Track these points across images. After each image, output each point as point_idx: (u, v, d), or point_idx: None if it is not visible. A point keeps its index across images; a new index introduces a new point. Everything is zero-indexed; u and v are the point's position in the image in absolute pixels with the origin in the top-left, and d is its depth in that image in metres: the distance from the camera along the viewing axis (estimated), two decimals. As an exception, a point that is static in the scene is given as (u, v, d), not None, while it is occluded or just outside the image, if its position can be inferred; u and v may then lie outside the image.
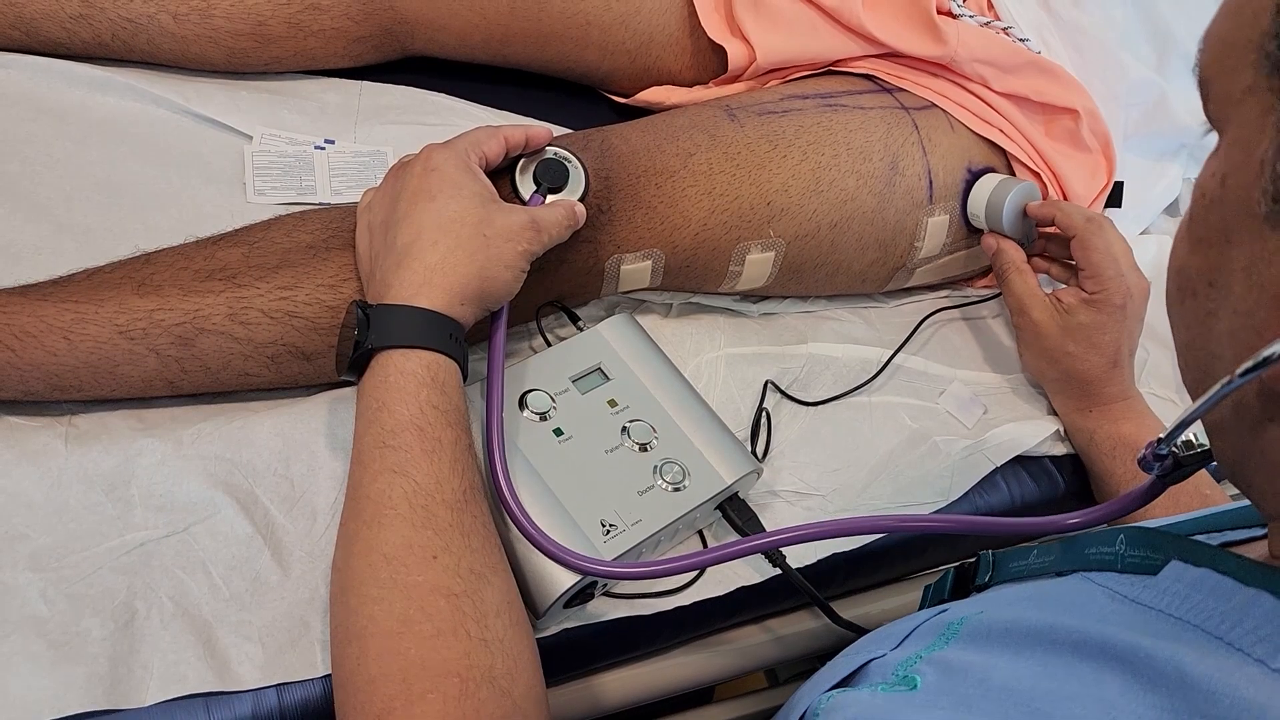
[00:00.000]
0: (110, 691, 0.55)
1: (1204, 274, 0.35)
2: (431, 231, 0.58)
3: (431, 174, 0.61)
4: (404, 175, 0.62)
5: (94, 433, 0.64)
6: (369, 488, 0.53)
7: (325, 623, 0.60)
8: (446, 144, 0.63)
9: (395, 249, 0.59)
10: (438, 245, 0.58)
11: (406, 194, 0.60)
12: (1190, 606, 0.36)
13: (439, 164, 0.61)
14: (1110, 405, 0.78)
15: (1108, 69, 0.87)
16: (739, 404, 0.76)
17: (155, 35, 0.80)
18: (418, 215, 0.59)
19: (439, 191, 0.60)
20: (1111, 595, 0.41)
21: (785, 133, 0.76)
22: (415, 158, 0.63)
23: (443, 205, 0.59)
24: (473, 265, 0.58)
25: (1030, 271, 0.80)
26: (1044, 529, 0.51)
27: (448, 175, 0.61)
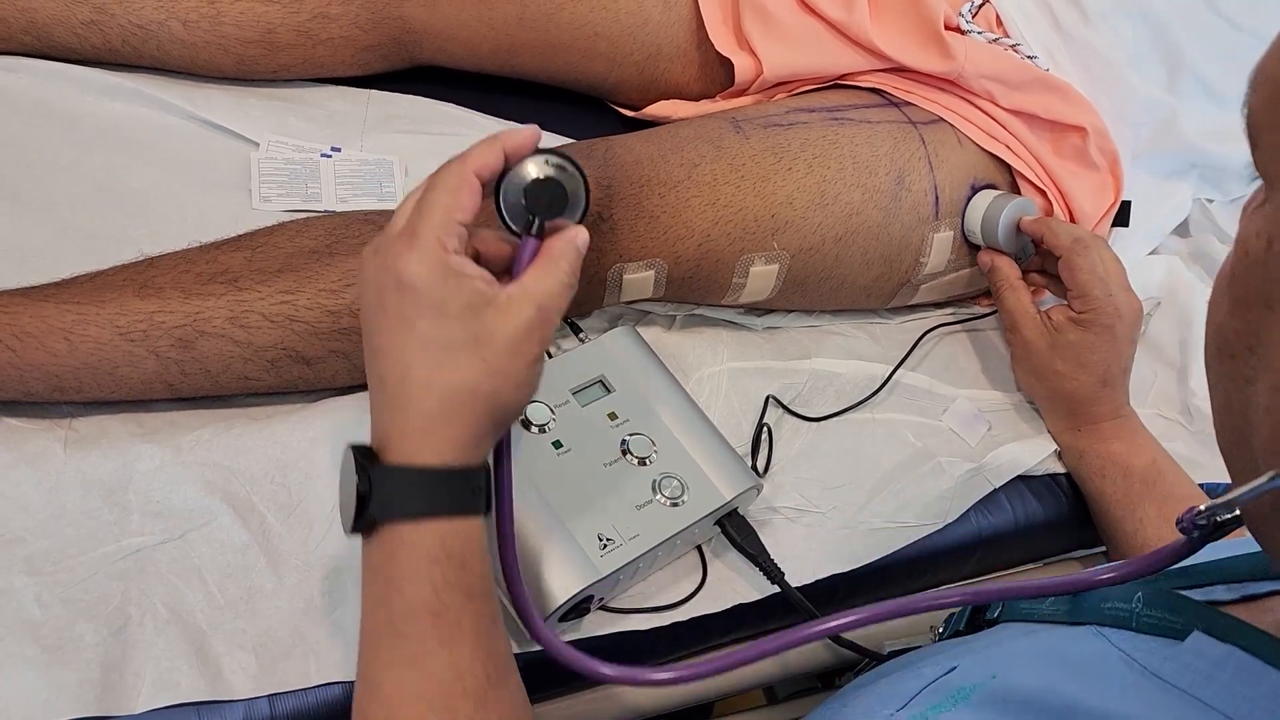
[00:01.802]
0: (102, 697, 0.54)
1: (1243, 338, 0.33)
2: (421, 369, 0.46)
3: (406, 294, 0.46)
4: (378, 287, 0.48)
5: (93, 437, 0.64)
6: (381, 681, 0.47)
7: (319, 632, 0.59)
8: (415, 240, 0.46)
9: (385, 386, 0.47)
10: (431, 387, 0.46)
11: (382, 318, 0.47)
12: (1216, 689, 0.35)
13: (412, 278, 0.46)
14: (1100, 424, 0.78)
15: (1116, 88, 0.87)
16: (740, 419, 0.75)
17: (165, 41, 0.80)
18: (400, 349, 0.47)
19: (418, 316, 0.46)
20: (1130, 663, 0.40)
21: (791, 145, 0.76)
22: (385, 257, 0.47)
23: (427, 333, 0.46)
24: (478, 401, 0.47)
25: (1024, 288, 0.80)
26: (1079, 586, 0.48)
27: (424, 293, 0.46)
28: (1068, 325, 0.76)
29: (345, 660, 0.59)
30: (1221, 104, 0.91)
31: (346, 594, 0.61)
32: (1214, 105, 0.91)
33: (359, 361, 0.67)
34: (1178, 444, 0.83)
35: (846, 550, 0.71)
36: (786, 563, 0.67)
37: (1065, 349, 0.77)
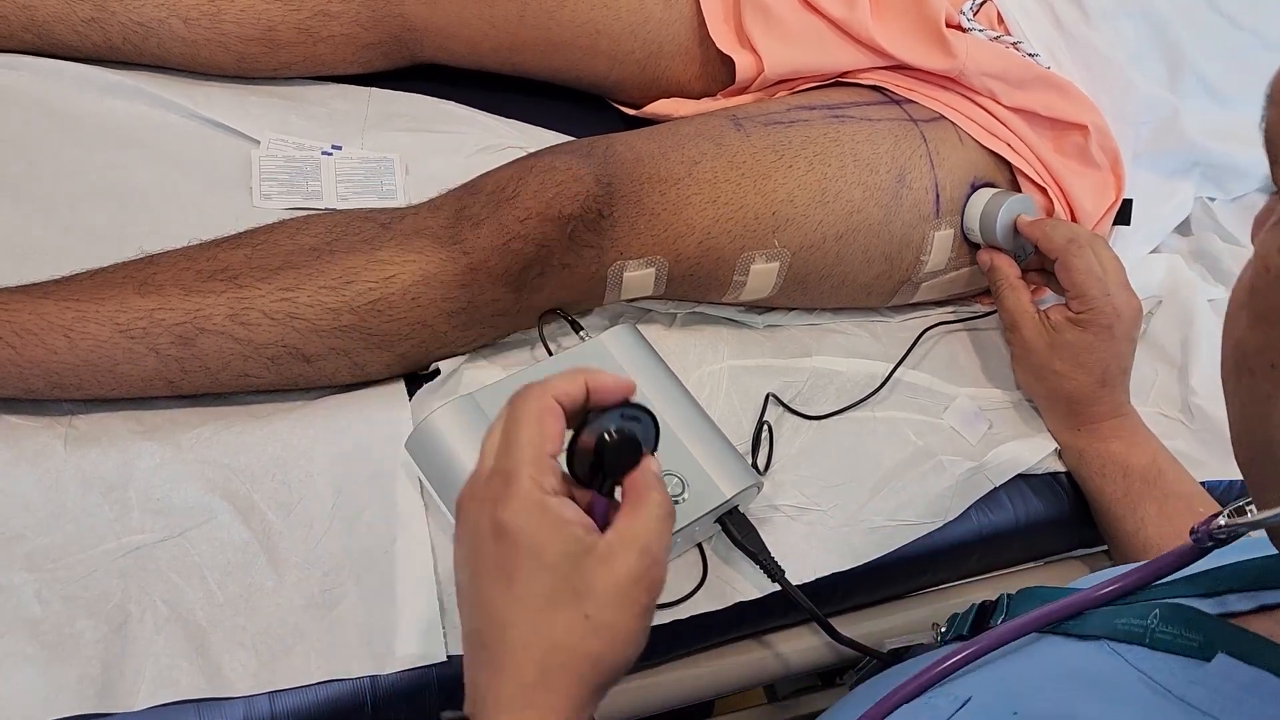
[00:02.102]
0: (102, 694, 0.54)
1: (1264, 354, 0.33)
2: (520, 627, 0.42)
3: (504, 542, 0.43)
4: (475, 533, 0.45)
5: (93, 434, 0.64)
6: None
7: (320, 630, 0.59)
8: (510, 483, 0.43)
9: (481, 644, 0.44)
10: (530, 649, 0.42)
11: (479, 569, 0.44)
12: (1247, 715, 0.34)
13: (510, 525, 0.43)
14: (1099, 424, 0.77)
15: (1117, 86, 0.86)
16: (741, 417, 0.75)
17: (166, 39, 0.80)
18: (496, 605, 0.43)
19: (516, 569, 0.43)
20: (1151, 685, 0.39)
21: (792, 143, 0.76)
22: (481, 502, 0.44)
23: (525, 587, 0.43)
24: (581, 664, 0.43)
25: (1023, 288, 0.80)
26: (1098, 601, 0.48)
27: (523, 542, 0.43)
28: (1066, 325, 0.76)
29: (345, 657, 0.59)
30: (1223, 103, 0.91)
31: (346, 591, 0.61)
32: (1215, 104, 0.91)
33: (359, 359, 0.67)
34: (1179, 442, 0.83)
35: (847, 548, 0.71)
36: (787, 560, 0.67)
37: (1064, 349, 0.76)
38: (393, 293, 0.65)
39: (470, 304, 0.68)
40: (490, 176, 0.71)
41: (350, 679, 0.58)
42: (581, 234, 0.68)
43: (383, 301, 0.65)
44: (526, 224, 0.67)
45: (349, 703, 0.58)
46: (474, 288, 0.67)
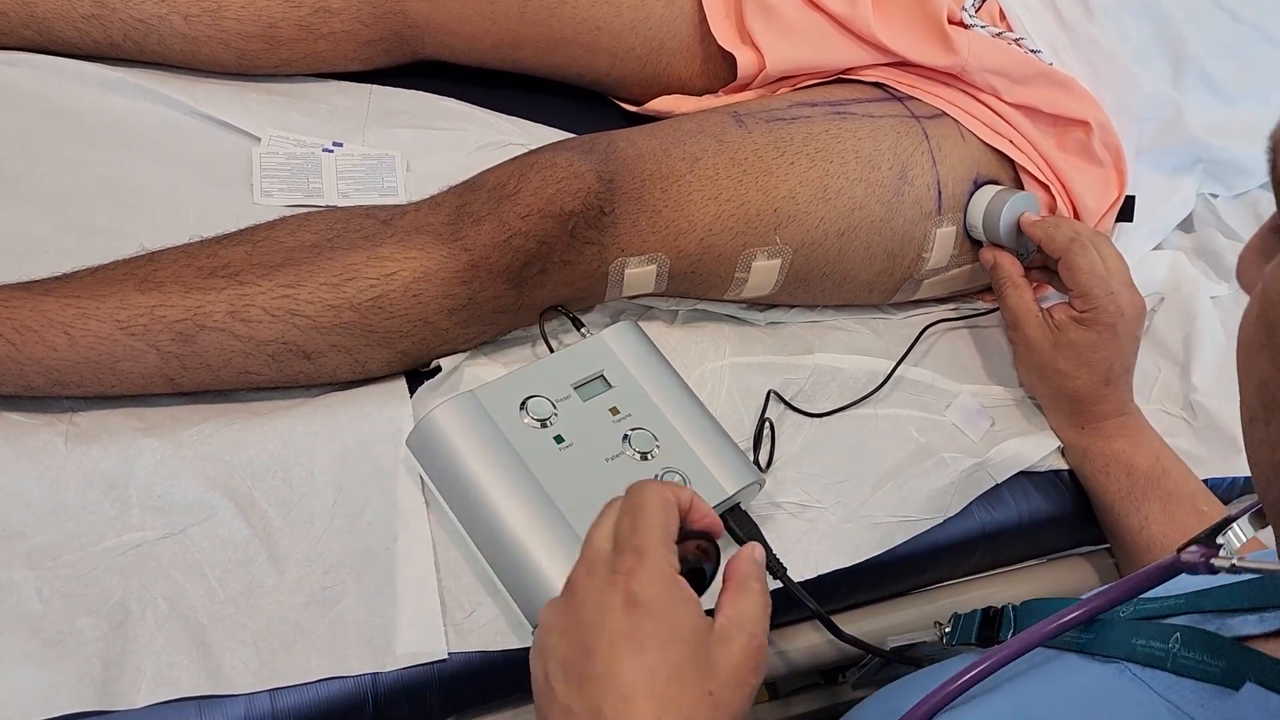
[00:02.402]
0: (102, 692, 0.54)
1: None
2: (647, 700, 0.42)
3: (639, 614, 0.43)
4: (600, 607, 0.44)
5: (94, 432, 0.63)
6: None
7: (321, 627, 0.59)
8: (645, 557, 0.44)
9: (588, 707, 0.43)
10: (637, 715, 0.42)
11: (606, 638, 0.43)
12: None
13: (648, 596, 0.43)
14: (1103, 422, 0.77)
15: (1120, 83, 0.86)
16: (743, 414, 0.75)
17: (166, 36, 0.80)
18: (626, 676, 0.42)
19: (649, 638, 0.43)
20: (1181, 717, 0.38)
21: (793, 140, 0.75)
22: (607, 575, 0.45)
23: (657, 660, 0.42)
24: None
25: (1026, 286, 0.79)
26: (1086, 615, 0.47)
27: (659, 612, 0.43)
28: (1069, 324, 0.76)
29: (346, 655, 0.58)
30: (1226, 99, 0.91)
31: (347, 589, 0.61)
32: (1218, 100, 0.91)
33: (360, 356, 0.67)
34: (1181, 440, 0.83)
35: (849, 545, 0.71)
36: (789, 557, 0.66)
37: (1067, 348, 0.76)
38: (394, 290, 0.65)
39: (471, 301, 0.67)
40: (491, 173, 0.70)
41: (351, 676, 0.58)
42: (583, 231, 0.68)
43: (384, 298, 0.65)
44: (528, 221, 0.67)
45: (350, 700, 0.58)
46: (475, 285, 0.67)
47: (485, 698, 0.64)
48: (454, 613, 0.61)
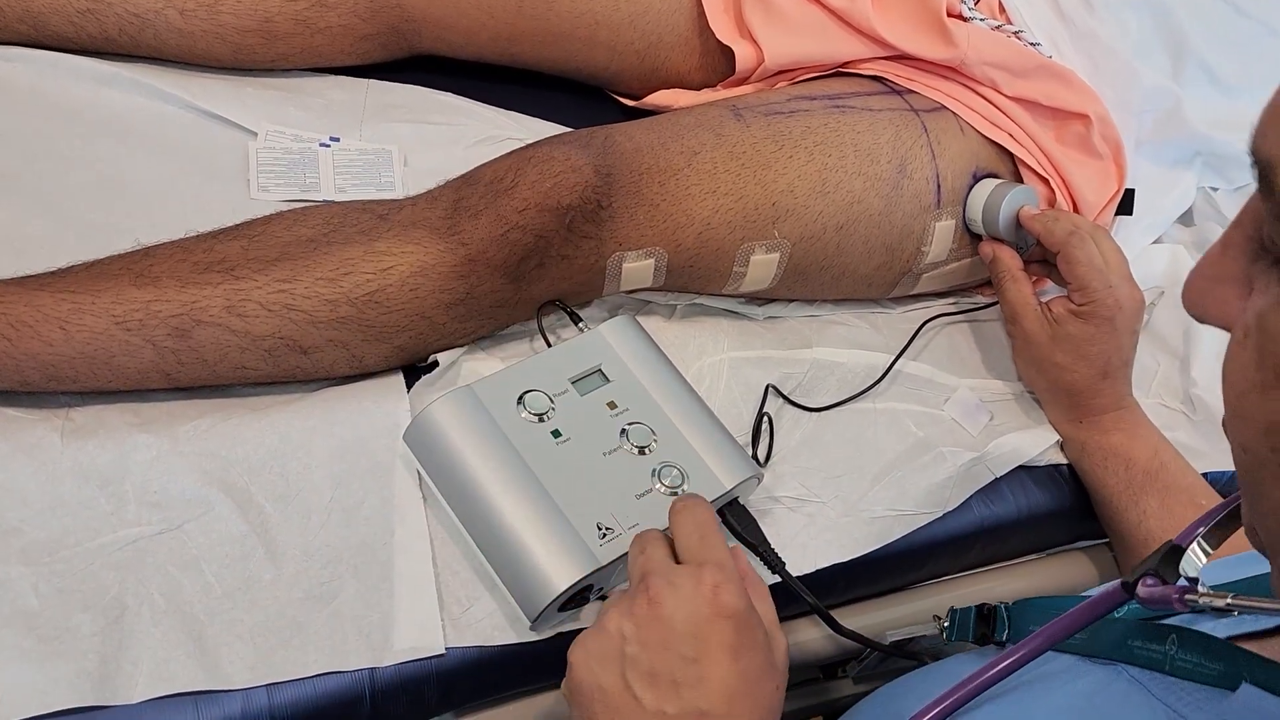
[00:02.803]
0: (99, 687, 0.54)
1: None
2: (744, 701, 0.47)
3: (734, 623, 0.47)
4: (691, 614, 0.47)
5: (90, 427, 0.63)
6: None
7: (318, 622, 0.59)
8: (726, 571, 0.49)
9: (688, 710, 0.46)
10: (737, 713, 0.47)
11: (705, 647, 0.47)
12: None
13: (738, 608, 0.48)
14: (1101, 416, 0.77)
15: (1120, 75, 0.86)
16: (741, 408, 0.75)
17: (162, 30, 0.80)
18: (726, 679, 0.46)
19: (742, 646, 0.47)
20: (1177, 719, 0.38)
21: (792, 133, 0.75)
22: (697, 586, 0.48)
23: (748, 664, 0.47)
24: None
25: (1025, 279, 0.79)
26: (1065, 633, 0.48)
27: (746, 621, 0.48)
28: (1068, 317, 0.76)
29: (343, 650, 0.58)
30: (1226, 91, 0.91)
31: (345, 584, 0.61)
32: (1219, 93, 0.90)
33: (357, 351, 0.66)
34: (1180, 433, 0.82)
35: (847, 539, 0.71)
36: (787, 552, 0.66)
37: (1065, 341, 0.76)
38: (390, 284, 0.65)
39: (468, 295, 0.67)
40: (488, 167, 0.70)
41: (348, 671, 0.58)
42: (580, 225, 0.68)
43: (380, 293, 0.65)
44: (525, 215, 0.66)
45: (347, 695, 0.58)
46: (472, 279, 0.67)
47: (483, 692, 0.64)
48: (451, 607, 0.61)
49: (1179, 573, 0.41)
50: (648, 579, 0.49)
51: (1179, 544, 0.42)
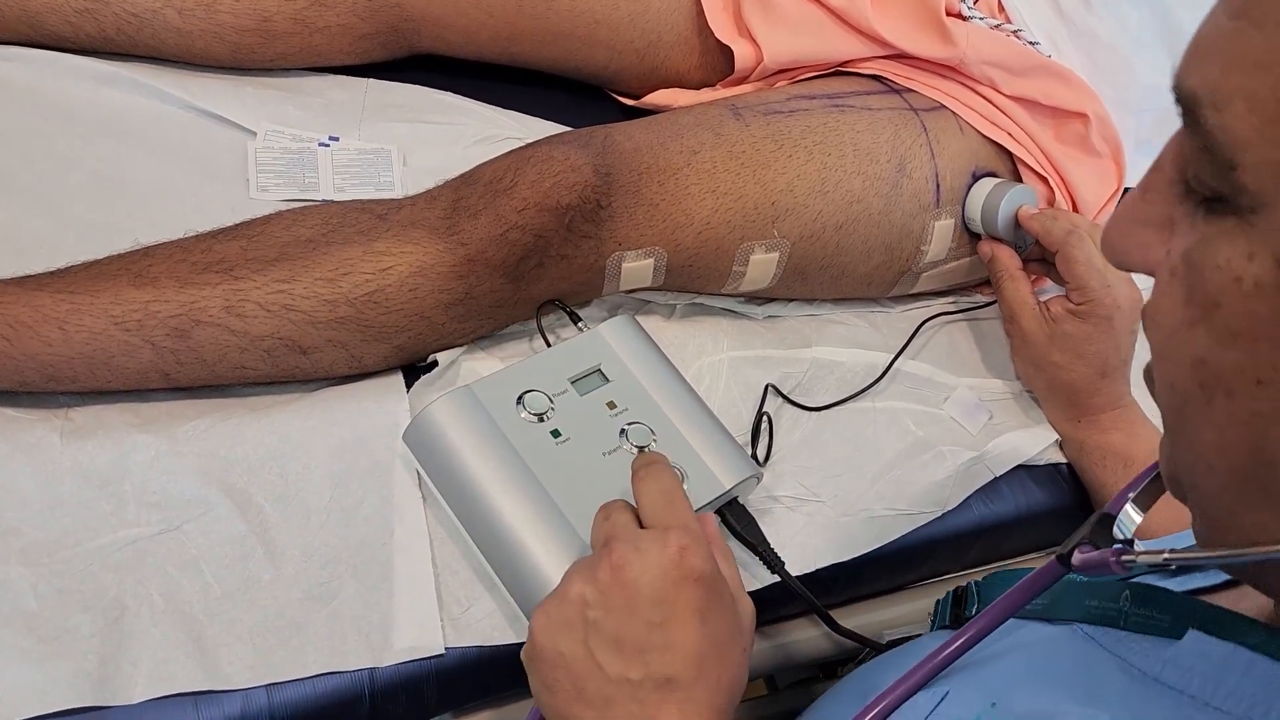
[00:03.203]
0: (98, 688, 0.54)
1: (1247, 371, 0.30)
2: (713, 666, 0.46)
3: (701, 587, 0.47)
4: (657, 577, 0.47)
5: (90, 427, 0.63)
6: None
7: (317, 622, 0.59)
8: (692, 535, 0.48)
9: (669, 682, 0.45)
10: (721, 683, 0.46)
11: (672, 611, 0.46)
12: (1227, 692, 0.34)
13: (705, 571, 0.47)
14: (1099, 415, 0.77)
15: (1119, 74, 0.86)
16: (741, 407, 0.75)
17: (160, 30, 0.80)
18: (691, 644, 0.46)
19: (710, 609, 0.47)
20: (1128, 670, 0.39)
21: (791, 132, 0.75)
22: (666, 549, 0.47)
23: (715, 627, 0.47)
24: (738, 696, 0.48)
25: (1023, 278, 0.79)
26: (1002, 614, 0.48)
27: (713, 585, 0.47)
28: (1066, 317, 0.76)
29: (343, 650, 0.58)
30: (1225, 90, 0.90)
31: (344, 584, 0.61)
32: (1218, 91, 0.90)
33: (356, 351, 0.66)
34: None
35: (846, 539, 0.71)
36: (786, 551, 0.66)
37: (1063, 340, 0.76)
38: (389, 284, 0.65)
39: (468, 295, 0.67)
40: (487, 167, 0.70)
41: (348, 671, 0.58)
42: (579, 224, 0.68)
43: (379, 293, 0.65)
44: (524, 214, 0.66)
45: (347, 695, 0.58)
46: (471, 279, 0.67)
47: (483, 692, 0.64)
48: (451, 607, 0.61)
49: (1113, 538, 0.41)
50: (611, 544, 0.48)
51: (1109, 512, 0.42)
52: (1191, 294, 0.31)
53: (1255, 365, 0.30)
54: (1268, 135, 0.28)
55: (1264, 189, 0.28)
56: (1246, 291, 0.29)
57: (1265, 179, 0.28)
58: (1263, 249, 0.29)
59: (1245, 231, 0.29)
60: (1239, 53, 0.28)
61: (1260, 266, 0.29)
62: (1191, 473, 0.34)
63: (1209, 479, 0.33)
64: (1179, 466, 0.35)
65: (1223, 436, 0.32)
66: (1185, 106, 0.30)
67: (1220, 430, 0.32)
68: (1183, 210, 0.32)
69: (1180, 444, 0.34)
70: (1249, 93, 0.28)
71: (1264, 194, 0.29)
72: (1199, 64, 0.30)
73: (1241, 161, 0.29)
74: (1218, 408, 0.31)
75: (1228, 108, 0.29)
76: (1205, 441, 0.32)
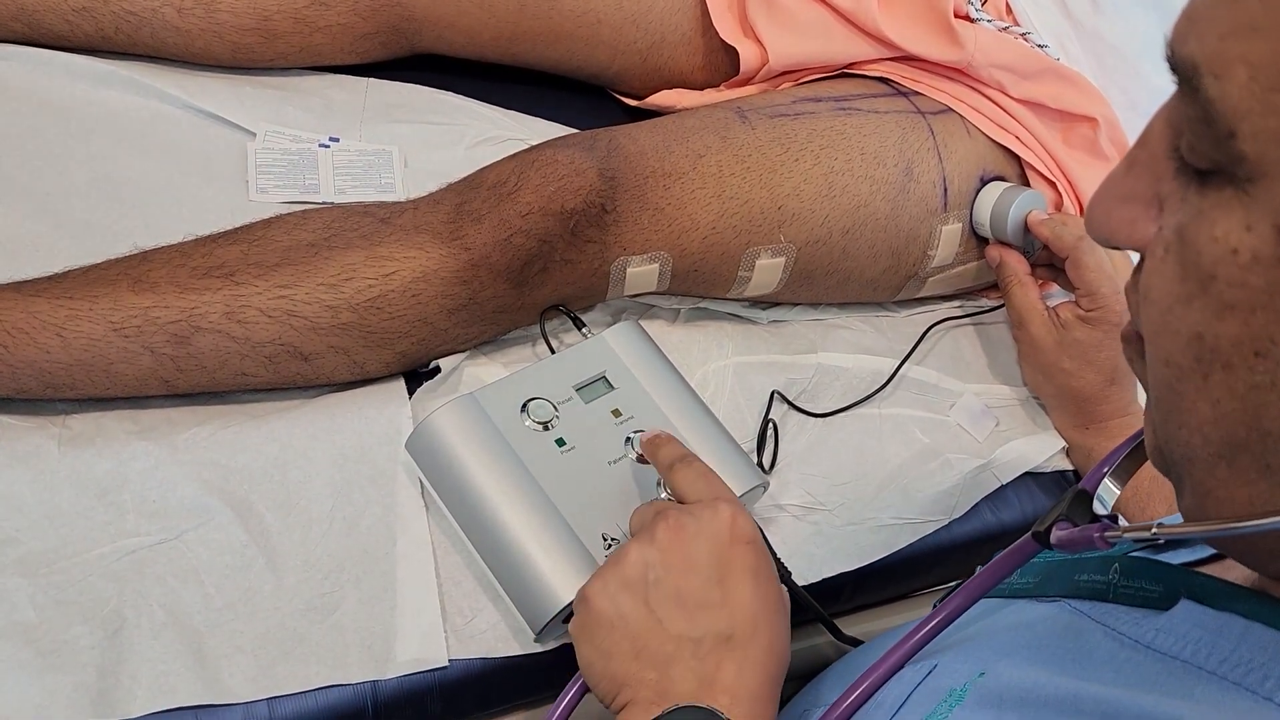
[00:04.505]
0: (97, 701, 0.53)
1: (1244, 343, 0.30)
2: (767, 626, 0.48)
3: (753, 550, 0.50)
4: (713, 539, 0.50)
5: (88, 435, 0.62)
6: None
7: (319, 634, 0.58)
8: (735, 501, 0.52)
9: (732, 643, 0.47)
10: (774, 648, 0.48)
11: (729, 570, 0.49)
12: (1221, 658, 0.34)
13: (754, 537, 0.51)
14: (1107, 422, 0.77)
15: (1128, 77, 0.85)
16: (746, 414, 0.74)
17: (159, 29, 0.79)
18: (748, 604, 0.48)
19: (761, 572, 0.50)
20: (1117, 638, 0.39)
21: (797, 136, 0.74)
22: (724, 514, 0.50)
23: (768, 590, 0.50)
24: (785, 657, 0.49)
25: (1032, 284, 0.79)
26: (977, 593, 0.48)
27: (762, 550, 0.51)
28: (1075, 323, 0.75)
29: (345, 662, 0.58)
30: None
31: (346, 595, 0.60)
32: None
33: (358, 357, 0.65)
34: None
35: (854, 547, 0.70)
36: (793, 560, 0.66)
37: (1072, 347, 0.75)
38: (392, 290, 0.64)
39: (471, 300, 0.66)
40: (491, 170, 0.69)
41: (351, 684, 0.57)
42: (584, 229, 0.67)
43: (382, 299, 0.64)
44: (528, 219, 0.66)
45: (350, 708, 0.57)
46: (475, 284, 0.66)
47: (486, 704, 0.63)
48: (454, 619, 0.61)
49: (1091, 513, 0.41)
50: (664, 514, 0.51)
51: (1085, 488, 0.42)
52: (1186, 269, 0.30)
53: (1253, 337, 0.29)
54: (1268, 102, 0.27)
55: (1263, 157, 0.28)
56: (1244, 263, 0.29)
57: (1265, 147, 0.28)
58: (1261, 219, 0.28)
59: (1243, 202, 0.29)
60: (1236, 18, 0.27)
61: (1258, 237, 0.28)
62: (1186, 448, 0.33)
63: (1204, 452, 0.33)
64: (1171, 442, 0.34)
65: (1219, 410, 0.31)
66: (1183, 75, 0.29)
67: (1216, 404, 0.31)
68: (1174, 185, 0.32)
69: (1174, 419, 0.33)
70: (1249, 59, 0.27)
71: (1263, 163, 0.28)
72: (1194, 30, 0.29)
73: (1240, 130, 0.28)
74: (1214, 382, 0.31)
75: (1228, 75, 0.28)
76: (1202, 415, 0.32)
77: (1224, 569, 0.41)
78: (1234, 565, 0.40)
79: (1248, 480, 0.31)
